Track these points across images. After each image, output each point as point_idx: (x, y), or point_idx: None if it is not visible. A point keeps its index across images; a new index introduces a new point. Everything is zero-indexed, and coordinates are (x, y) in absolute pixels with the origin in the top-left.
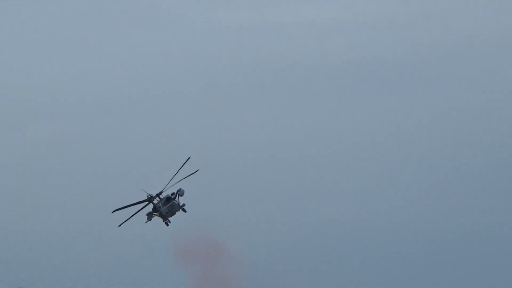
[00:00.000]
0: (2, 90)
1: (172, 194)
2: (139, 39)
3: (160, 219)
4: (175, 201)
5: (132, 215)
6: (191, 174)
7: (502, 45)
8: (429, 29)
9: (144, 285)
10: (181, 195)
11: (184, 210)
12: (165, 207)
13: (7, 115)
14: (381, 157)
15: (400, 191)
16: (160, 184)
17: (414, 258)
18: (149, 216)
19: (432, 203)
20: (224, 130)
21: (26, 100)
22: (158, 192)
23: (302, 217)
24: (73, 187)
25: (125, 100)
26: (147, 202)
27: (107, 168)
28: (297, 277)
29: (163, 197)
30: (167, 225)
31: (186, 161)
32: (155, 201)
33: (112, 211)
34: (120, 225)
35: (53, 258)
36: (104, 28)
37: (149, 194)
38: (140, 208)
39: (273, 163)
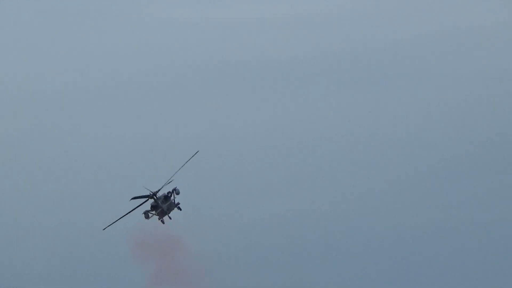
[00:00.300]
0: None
1: (168, 192)
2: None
3: (156, 218)
4: (171, 200)
5: (117, 220)
6: (192, 157)
7: (450, 43)
8: (376, 27)
9: (102, 279)
10: (177, 194)
11: (180, 208)
12: (166, 204)
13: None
14: (333, 154)
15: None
16: (157, 182)
17: (368, 254)
18: (146, 214)
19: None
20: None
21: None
22: (155, 190)
23: (260, 212)
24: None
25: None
26: (148, 199)
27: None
28: (255, 271)
29: (161, 195)
30: (163, 222)
31: (194, 154)
32: (155, 197)
33: (124, 215)
34: (104, 228)
35: (10, 253)
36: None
37: (151, 191)
38: (123, 215)
39: (229, 158)
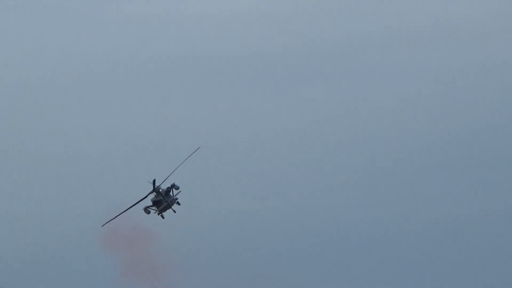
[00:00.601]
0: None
1: (168, 188)
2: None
3: (155, 214)
4: (171, 195)
5: (117, 216)
6: (193, 152)
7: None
8: (357, 18)
9: (73, 271)
10: (177, 189)
11: (178, 203)
12: (169, 199)
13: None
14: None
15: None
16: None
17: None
18: (147, 210)
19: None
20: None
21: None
22: (157, 185)
23: (231, 206)
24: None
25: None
26: (152, 192)
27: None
28: (227, 264)
29: (163, 190)
30: (163, 217)
31: (196, 150)
32: (160, 190)
33: (124, 209)
34: (103, 225)
35: None
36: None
37: (155, 185)
38: (124, 210)
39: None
